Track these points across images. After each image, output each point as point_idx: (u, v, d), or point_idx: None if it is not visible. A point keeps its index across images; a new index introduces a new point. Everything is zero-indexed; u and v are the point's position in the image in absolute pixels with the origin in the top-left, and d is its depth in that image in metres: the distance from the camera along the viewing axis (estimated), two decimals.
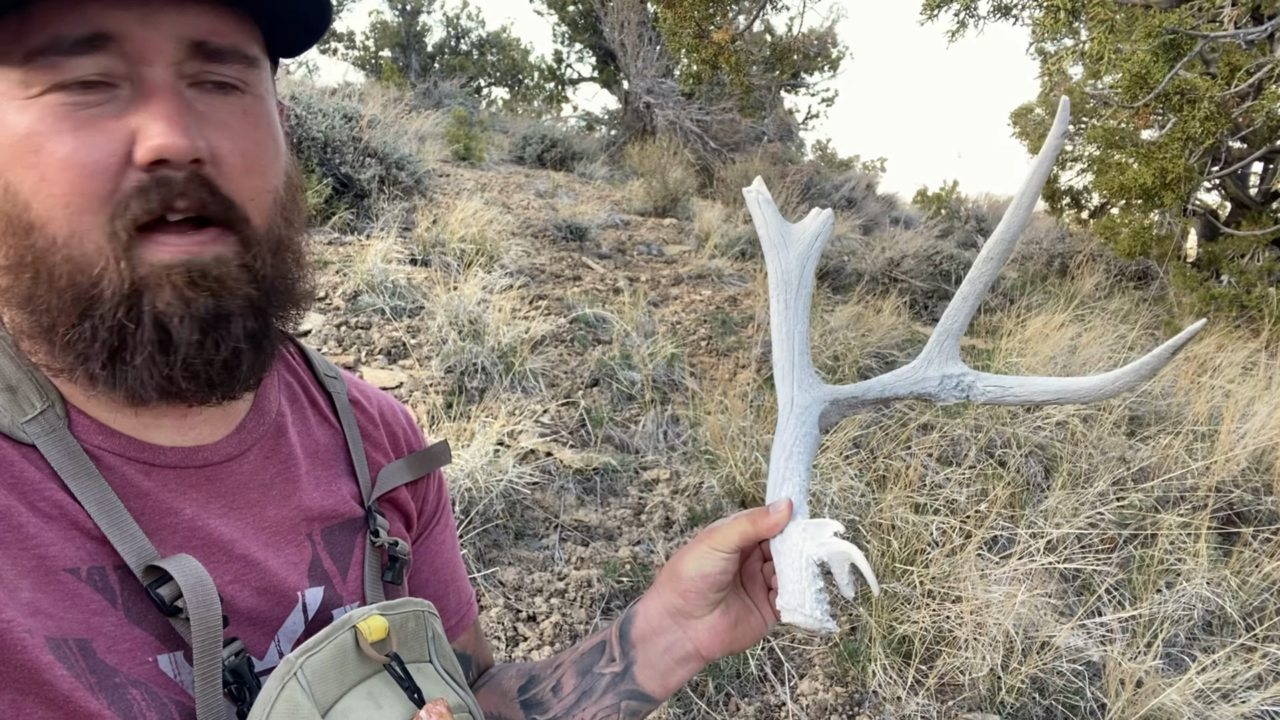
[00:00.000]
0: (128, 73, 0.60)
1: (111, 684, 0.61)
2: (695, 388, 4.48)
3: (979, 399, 0.81)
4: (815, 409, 0.85)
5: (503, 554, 2.97)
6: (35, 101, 0.59)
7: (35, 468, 0.63)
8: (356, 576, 0.81)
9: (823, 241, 0.89)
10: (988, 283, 0.81)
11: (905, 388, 0.84)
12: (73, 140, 0.59)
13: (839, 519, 3.28)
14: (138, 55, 0.60)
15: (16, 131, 0.59)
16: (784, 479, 0.82)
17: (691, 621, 0.86)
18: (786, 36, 14.22)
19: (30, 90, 0.59)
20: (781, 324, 0.87)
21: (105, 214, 0.60)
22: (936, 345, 0.83)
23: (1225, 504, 3.99)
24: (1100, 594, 3.20)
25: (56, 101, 0.59)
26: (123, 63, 0.60)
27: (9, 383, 0.65)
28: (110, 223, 0.60)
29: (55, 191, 0.59)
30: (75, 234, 0.60)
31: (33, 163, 0.59)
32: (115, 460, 0.67)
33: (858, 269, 7.22)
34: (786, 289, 0.87)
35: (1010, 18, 3.58)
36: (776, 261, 0.88)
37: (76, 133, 0.59)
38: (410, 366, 3.94)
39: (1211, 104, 4.33)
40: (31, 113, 0.59)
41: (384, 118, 7.67)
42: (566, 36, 17.06)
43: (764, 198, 0.89)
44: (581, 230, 6.96)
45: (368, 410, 0.92)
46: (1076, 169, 11.20)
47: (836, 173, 13.45)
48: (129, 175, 0.60)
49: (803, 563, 0.78)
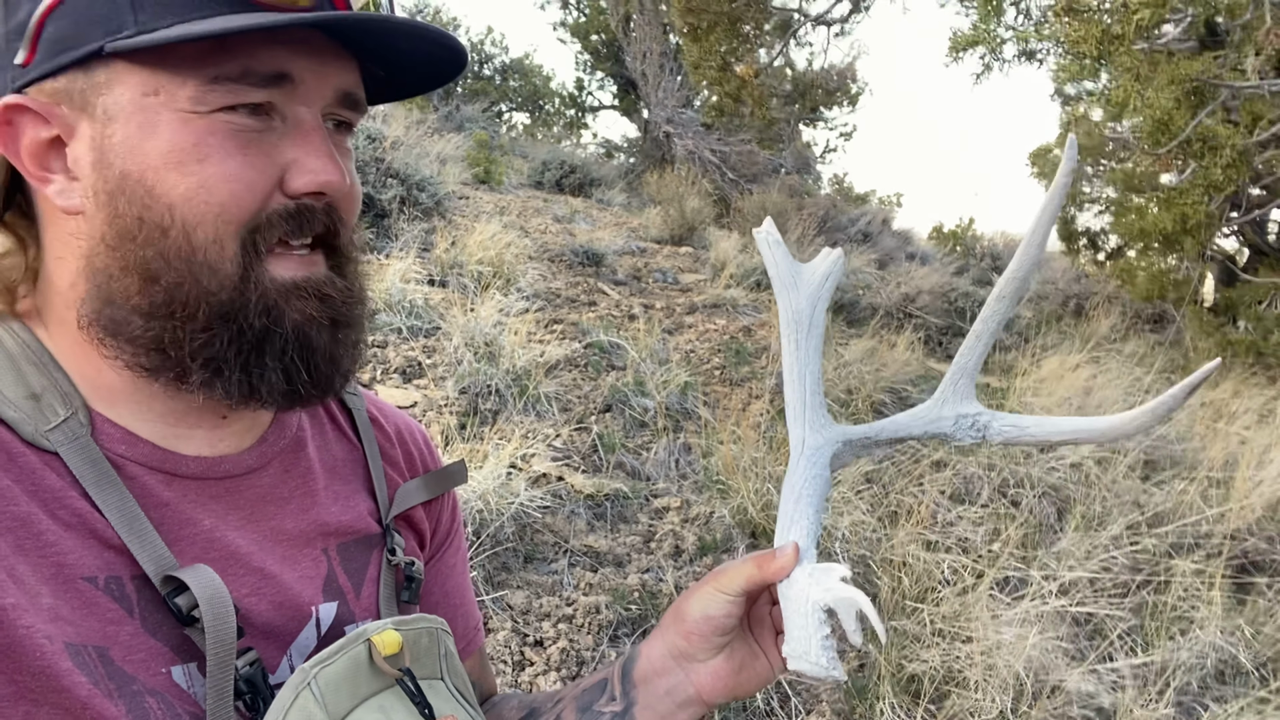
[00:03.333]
0: (285, 110, 0.66)
1: (130, 691, 0.61)
2: (708, 417, 4.48)
3: (995, 439, 0.80)
4: (827, 450, 0.84)
5: (512, 577, 2.97)
6: (204, 116, 0.63)
7: (57, 475, 0.64)
8: (371, 593, 0.81)
9: (834, 281, 0.88)
10: (1001, 321, 0.81)
11: (919, 428, 0.83)
12: (240, 158, 0.64)
13: (850, 554, 3.26)
14: (304, 97, 0.67)
15: (181, 140, 0.63)
16: (792, 522, 0.81)
17: (694, 665, 0.84)
18: (808, 72, 14.33)
19: (201, 107, 0.63)
20: (793, 364, 0.86)
21: (248, 227, 0.65)
22: (951, 384, 0.82)
23: (1240, 552, 3.94)
24: (1112, 639, 3.16)
25: (226, 120, 0.64)
26: (287, 101, 0.66)
27: (33, 390, 0.66)
28: (251, 235, 0.65)
29: (213, 200, 0.63)
30: (217, 241, 0.64)
31: (194, 171, 0.63)
32: (137, 470, 0.68)
33: (872, 303, 7.22)
34: (797, 329, 0.86)
35: (1034, 61, 3.61)
36: (787, 301, 0.88)
37: (243, 151, 0.64)
38: (425, 386, 3.95)
39: (1234, 152, 4.34)
40: (199, 125, 0.63)
41: (407, 139, 7.75)
42: (588, 65, 17.25)
43: (774, 238, 0.89)
44: (598, 256, 7.00)
45: (385, 428, 0.92)
46: (1094, 210, 11.20)
47: (853, 207, 13.48)
48: (275, 198, 0.66)
49: (809, 609, 0.76)
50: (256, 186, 0.65)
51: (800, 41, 11.23)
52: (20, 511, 0.60)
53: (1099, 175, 10.57)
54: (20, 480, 0.62)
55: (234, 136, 0.64)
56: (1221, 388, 6.37)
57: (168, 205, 0.63)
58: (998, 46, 3.45)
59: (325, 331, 0.70)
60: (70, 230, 0.66)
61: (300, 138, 0.67)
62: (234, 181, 0.64)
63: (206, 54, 0.62)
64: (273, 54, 0.64)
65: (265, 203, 0.66)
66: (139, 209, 0.64)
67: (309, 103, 0.67)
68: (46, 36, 0.63)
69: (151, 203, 0.63)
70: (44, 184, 0.66)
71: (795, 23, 6.29)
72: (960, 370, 0.81)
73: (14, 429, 0.63)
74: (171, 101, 0.63)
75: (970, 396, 0.82)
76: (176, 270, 0.64)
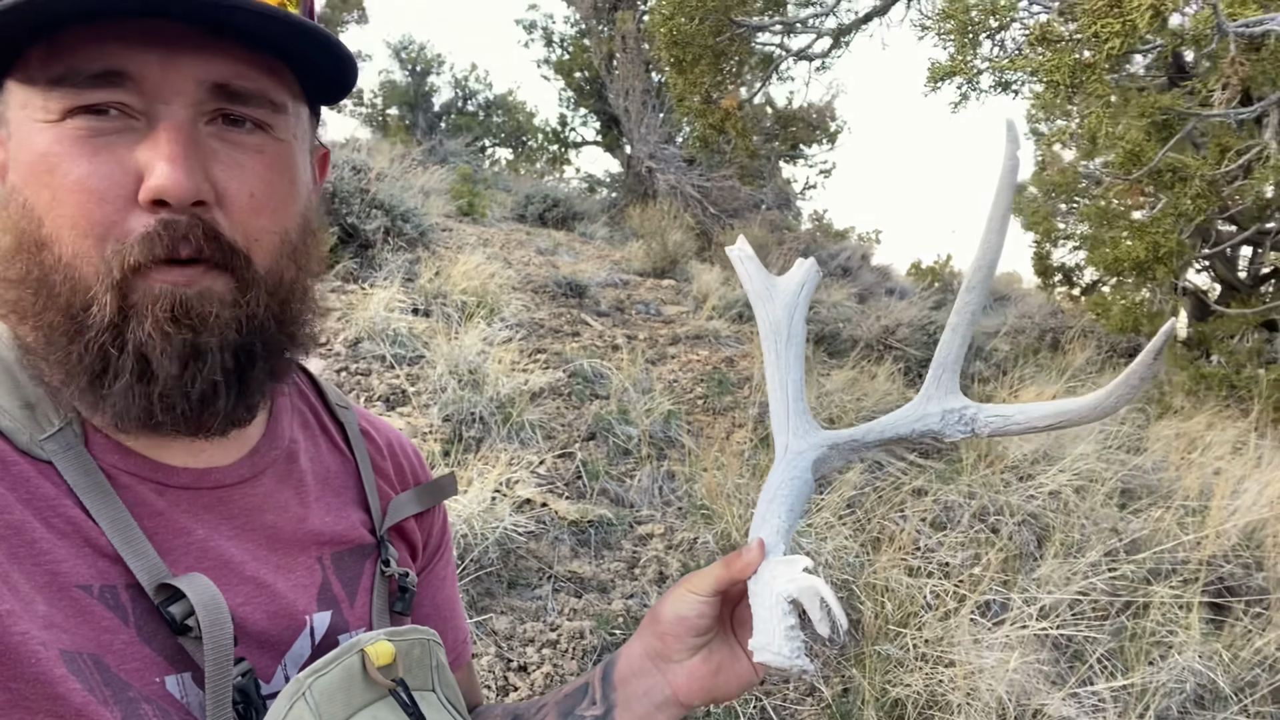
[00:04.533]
0: (145, 107, 0.62)
1: (125, 698, 0.61)
2: (691, 445, 4.50)
3: (983, 431, 0.80)
4: (809, 454, 0.84)
5: (496, 602, 2.96)
6: (56, 125, 0.61)
7: (52, 484, 0.64)
8: (364, 603, 0.81)
9: (809, 290, 0.88)
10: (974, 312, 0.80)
11: (907, 426, 0.82)
12: (87, 165, 0.60)
13: (833, 579, 3.27)
14: (154, 93, 0.62)
15: (38, 151, 0.62)
16: (764, 520, 0.81)
17: (670, 666, 0.84)
18: (788, 108, 14.54)
19: (50, 114, 0.61)
20: (775, 373, 0.87)
21: (108, 241, 0.61)
22: (934, 380, 0.82)
23: (1216, 578, 3.98)
24: (1092, 663, 3.18)
25: (75, 126, 0.61)
26: (140, 98, 0.61)
27: (28, 399, 0.66)
28: (111, 252, 0.61)
29: (64, 212, 0.61)
30: (77, 255, 0.62)
31: (47, 182, 0.61)
32: (130, 479, 0.68)
33: (853, 335, 7.28)
34: (776, 339, 0.87)
35: (1010, 91, 3.70)
36: (764, 313, 0.88)
37: (91, 158, 0.61)
38: (409, 414, 3.95)
39: (1202, 182, 4.45)
40: (51, 134, 0.61)
41: (391, 172, 7.79)
42: (572, 101, 17.41)
43: (746, 254, 0.89)
44: (581, 288, 7.03)
45: (377, 441, 0.93)
46: (1069, 246, 11.38)
47: (833, 242, 13.60)
48: (136, 212, 0.61)
49: (773, 600, 0.75)
50: (106, 195, 0.61)
51: (782, 76, 11.44)
52: (14, 519, 0.61)
53: (1073, 212, 10.75)
54: (14, 488, 0.62)
55: (82, 143, 0.61)
56: (1195, 420, 6.46)
57: (39, 220, 0.62)
58: (974, 77, 3.55)
59: (176, 357, 0.63)
60: None
61: (150, 139, 0.62)
62: (79, 191, 0.61)
63: (44, 59, 0.61)
64: (100, 50, 0.60)
65: (124, 214, 0.62)
66: (23, 222, 0.64)
67: (164, 99, 0.62)
68: None
69: (28, 217, 0.63)
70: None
71: (777, 58, 6.42)
72: (941, 365, 0.82)
73: (8, 438, 0.64)
74: (32, 112, 0.62)
75: (955, 390, 0.82)
76: (48, 284, 0.63)
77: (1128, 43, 2.77)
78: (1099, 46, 2.78)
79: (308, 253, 0.74)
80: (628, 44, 12.92)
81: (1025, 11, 3.80)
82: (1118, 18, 2.67)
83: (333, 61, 0.68)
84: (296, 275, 0.72)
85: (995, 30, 3.67)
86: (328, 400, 0.91)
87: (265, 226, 0.67)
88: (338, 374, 4.15)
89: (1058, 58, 2.96)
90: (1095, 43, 2.80)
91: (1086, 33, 2.82)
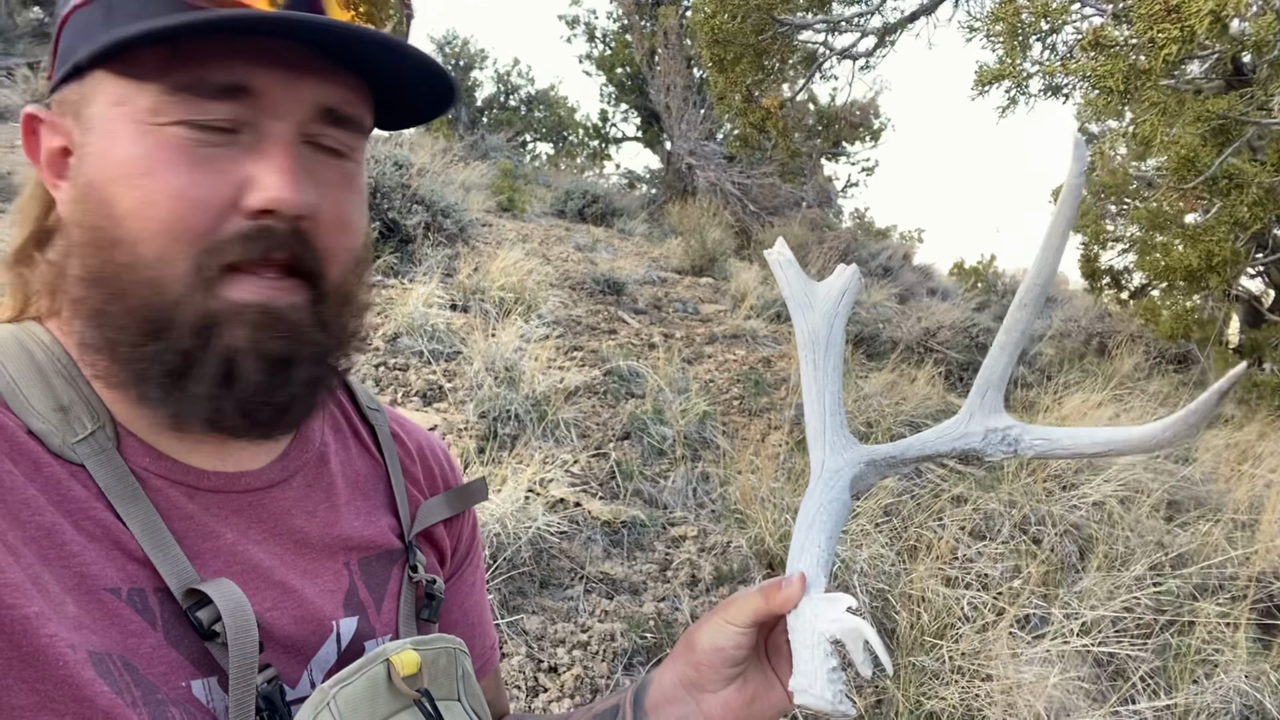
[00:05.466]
0: (254, 121, 0.63)
1: (154, 700, 0.61)
2: (726, 446, 4.47)
3: (1026, 453, 0.77)
4: (847, 472, 0.82)
5: (527, 602, 2.96)
6: (160, 129, 0.62)
7: (83, 487, 0.64)
8: (391, 609, 0.81)
9: (850, 298, 0.86)
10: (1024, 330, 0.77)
11: (947, 444, 0.80)
12: (188, 175, 0.62)
13: (868, 587, 3.23)
14: (270, 110, 0.63)
15: (133, 153, 0.62)
16: (803, 549, 0.79)
17: (704, 695, 0.83)
18: (831, 106, 14.42)
19: (158, 119, 0.62)
20: (811, 384, 0.85)
21: (199, 247, 0.62)
22: (978, 397, 0.79)
23: (1265, 595, 3.87)
24: (1135, 681, 3.11)
25: (180, 134, 0.62)
26: (253, 113, 0.63)
27: (61, 403, 0.66)
28: (203, 256, 0.62)
29: (157, 215, 0.62)
30: (163, 259, 0.62)
31: (141, 184, 0.62)
32: (161, 483, 0.68)
33: (893, 337, 7.20)
34: (815, 348, 0.85)
35: (1060, 96, 3.62)
36: (803, 321, 0.86)
37: (192, 169, 0.62)
38: (445, 410, 3.97)
39: (1260, 189, 4.32)
40: (153, 138, 0.62)
41: (433, 167, 7.85)
42: (613, 97, 17.43)
43: (785, 258, 0.87)
44: (619, 285, 7.03)
45: (407, 445, 0.92)
46: (1117, 249, 11.15)
47: (874, 241, 13.48)
48: (232, 218, 0.63)
49: (814, 640, 0.74)
50: (205, 204, 0.62)
51: (825, 75, 11.33)
52: (45, 522, 0.61)
53: (1123, 214, 10.53)
54: (46, 491, 0.62)
55: (186, 151, 0.62)
56: (1247, 430, 6.29)
57: (119, 220, 0.63)
58: (1023, 81, 3.46)
59: (261, 364, 0.65)
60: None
61: (260, 153, 0.63)
62: (178, 199, 0.62)
63: (165, 63, 0.61)
64: (230, 63, 0.62)
65: (219, 222, 0.63)
66: (100, 219, 0.64)
67: (278, 116, 0.64)
68: (61, 49, 0.66)
69: (109, 215, 0.63)
70: (56, 191, 0.68)
71: (821, 56, 6.35)
72: (986, 382, 0.79)
73: (42, 440, 0.64)
74: (133, 112, 0.62)
75: (999, 409, 0.79)
76: (122, 283, 0.63)
77: (1185, 49, 2.68)
78: (1155, 53, 2.70)
79: (367, 264, 0.76)
80: (669, 40, 12.89)
81: (1077, 14, 3.71)
82: (1175, 23, 2.59)
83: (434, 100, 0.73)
84: (360, 288, 0.75)
85: (1046, 33, 3.59)
86: (359, 402, 0.91)
87: (343, 245, 0.70)
88: (376, 369, 4.18)
89: (1111, 63, 2.88)
90: (1151, 48, 2.71)
91: (1142, 38, 2.73)
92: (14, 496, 0.60)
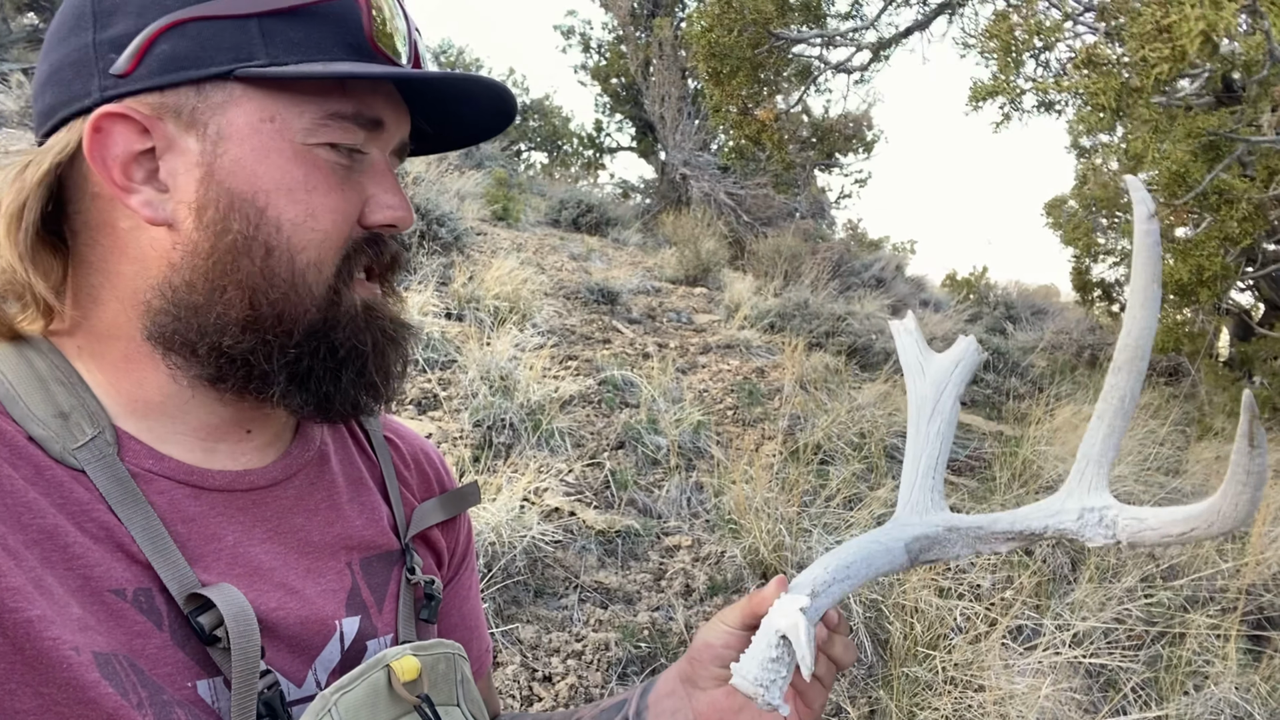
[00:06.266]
0: (366, 149, 0.73)
1: (160, 700, 0.61)
2: (720, 456, 4.48)
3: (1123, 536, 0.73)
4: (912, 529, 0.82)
5: (522, 611, 2.96)
6: (310, 149, 0.69)
7: (85, 490, 0.64)
8: (391, 609, 0.82)
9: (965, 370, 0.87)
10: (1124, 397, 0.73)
11: (1040, 522, 0.77)
12: (339, 192, 0.71)
13: (862, 598, 3.24)
14: (382, 142, 0.74)
15: (294, 169, 0.69)
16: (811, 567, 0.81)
17: (696, 692, 0.85)
18: (825, 119, 14.48)
19: (311, 139, 0.69)
20: (911, 447, 0.88)
21: (341, 253, 0.72)
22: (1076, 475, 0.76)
23: (1255, 608, 3.90)
24: (1126, 692, 3.12)
25: (329, 155, 0.70)
26: (372, 145, 0.73)
27: (61, 409, 0.67)
28: (344, 262, 0.72)
29: (319, 227, 0.70)
30: (317, 265, 0.70)
31: (303, 199, 0.69)
32: (165, 484, 0.69)
33: (886, 348, 7.23)
34: (919, 414, 0.88)
35: (1054, 112, 3.66)
36: (914, 387, 0.90)
37: (341, 187, 0.71)
38: (440, 418, 3.98)
39: (1249, 205, 4.37)
40: (308, 157, 0.69)
41: (427, 175, 7.86)
42: (608, 107, 17.48)
43: (909, 328, 0.92)
44: (613, 294, 7.04)
45: (402, 450, 0.93)
46: (1109, 262, 11.22)
47: (867, 252, 13.52)
48: (355, 229, 0.73)
49: (764, 631, 0.77)
50: (350, 218, 0.72)
51: (820, 88, 11.41)
52: (48, 524, 0.61)
53: (1114, 227, 10.61)
54: (48, 494, 0.63)
55: (334, 171, 0.70)
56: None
57: (276, 227, 0.68)
58: (1017, 97, 3.51)
59: (391, 350, 0.77)
60: (148, 243, 0.68)
61: (378, 177, 0.74)
62: (335, 213, 0.71)
63: (328, 92, 0.69)
64: (375, 101, 0.72)
65: (350, 232, 0.73)
66: (249, 227, 0.68)
67: (383, 147, 0.74)
68: (158, 52, 0.65)
69: (262, 223, 0.68)
70: (127, 194, 0.66)
71: (816, 70, 6.39)
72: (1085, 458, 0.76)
73: (43, 446, 0.64)
74: (286, 131, 0.68)
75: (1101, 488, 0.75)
76: (277, 288, 0.69)
77: (1176, 68, 2.72)
78: (1146, 71, 2.74)
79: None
80: (664, 51, 12.94)
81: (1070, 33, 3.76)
82: (1167, 43, 2.63)
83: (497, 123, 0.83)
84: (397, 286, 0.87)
85: (1040, 50, 3.64)
86: None
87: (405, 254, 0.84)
88: None
89: (1104, 80, 2.93)
90: (1143, 67, 2.75)
91: (1134, 56, 2.77)
92: (15, 500, 0.61)
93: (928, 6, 5.81)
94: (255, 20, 0.66)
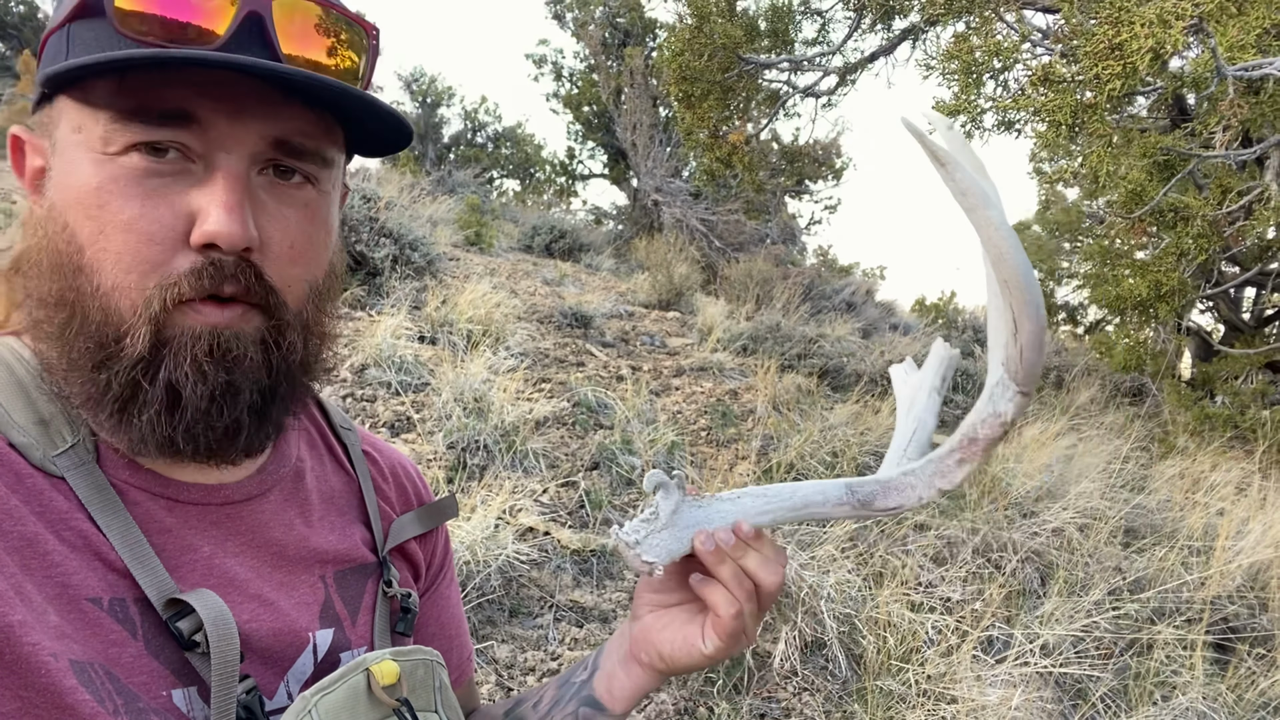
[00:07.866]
0: (205, 154, 0.64)
1: (135, 708, 0.62)
2: (695, 476, 4.50)
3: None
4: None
5: (497, 630, 2.95)
6: (113, 159, 0.63)
7: (64, 498, 0.65)
8: (366, 622, 0.82)
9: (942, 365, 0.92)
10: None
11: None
12: (139, 207, 0.63)
13: (835, 613, 3.26)
14: (218, 141, 0.64)
15: (89, 183, 0.63)
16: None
17: (634, 622, 0.88)
18: (794, 144, 14.67)
19: (110, 147, 0.63)
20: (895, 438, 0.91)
21: (152, 279, 0.63)
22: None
23: (1220, 619, 3.96)
24: (1095, 702, 3.16)
25: (132, 165, 0.63)
26: (202, 143, 0.64)
27: (41, 416, 0.67)
28: (155, 289, 0.63)
29: (110, 247, 0.63)
30: (117, 288, 0.64)
31: (95, 215, 0.63)
32: (141, 495, 0.69)
33: (857, 370, 7.30)
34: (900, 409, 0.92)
35: (1013, 131, 3.77)
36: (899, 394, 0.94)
37: (144, 200, 0.63)
38: (414, 440, 3.97)
39: (1204, 222, 4.50)
40: (107, 170, 0.63)
41: (400, 200, 7.86)
42: (580, 135, 17.58)
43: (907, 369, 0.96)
44: (586, 318, 7.06)
45: (379, 464, 0.94)
46: (1072, 285, 11.43)
47: (837, 278, 13.65)
48: (184, 251, 0.64)
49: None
50: (156, 237, 0.63)
51: (789, 113, 11.56)
52: (28, 532, 0.62)
53: (1076, 251, 10.81)
54: (28, 501, 0.63)
55: (137, 183, 0.63)
56: (1199, 460, 6.44)
57: (80, 247, 0.64)
58: (978, 116, 3.61)
59: (205, 392, 0.66)
60: None
61: (207, 185, 0.64)
62: (129, 231, 0.63)
63: (114, 92, 0.62)
64: (174, 92, 0.62)
65: (171, 255, 0.64)
66: (61, 243, 0.65)
67: (227, 148, 0.64)
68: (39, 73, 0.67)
69: (69, 243, 0.65)
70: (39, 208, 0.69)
71: (784, 94, 6.50)
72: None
73: (23, 453, 0.65)
74: (89, 140, 0.64)
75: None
76: (86, 311, 0.65)
77: (1128, 85, 2.82)
78: (1100, 88, 2.84)
79: (331, 296, 0.78)
80: (635, 79, 13.08)
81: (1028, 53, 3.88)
82: (1118, 60, 2.73)
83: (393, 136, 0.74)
84: (319, 318, 0.75)
85: (999, 70, 3.75)
86: (332, 421, 0.93)
87: (299, 275, 0.71)
88: (344, 400, 4.17)
89: (1060, 98, 3.02)
90: (1096, 84, 2.86)
91: (1088, 74, 2.87)
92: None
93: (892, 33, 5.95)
94: (67, 27, 0.65)
